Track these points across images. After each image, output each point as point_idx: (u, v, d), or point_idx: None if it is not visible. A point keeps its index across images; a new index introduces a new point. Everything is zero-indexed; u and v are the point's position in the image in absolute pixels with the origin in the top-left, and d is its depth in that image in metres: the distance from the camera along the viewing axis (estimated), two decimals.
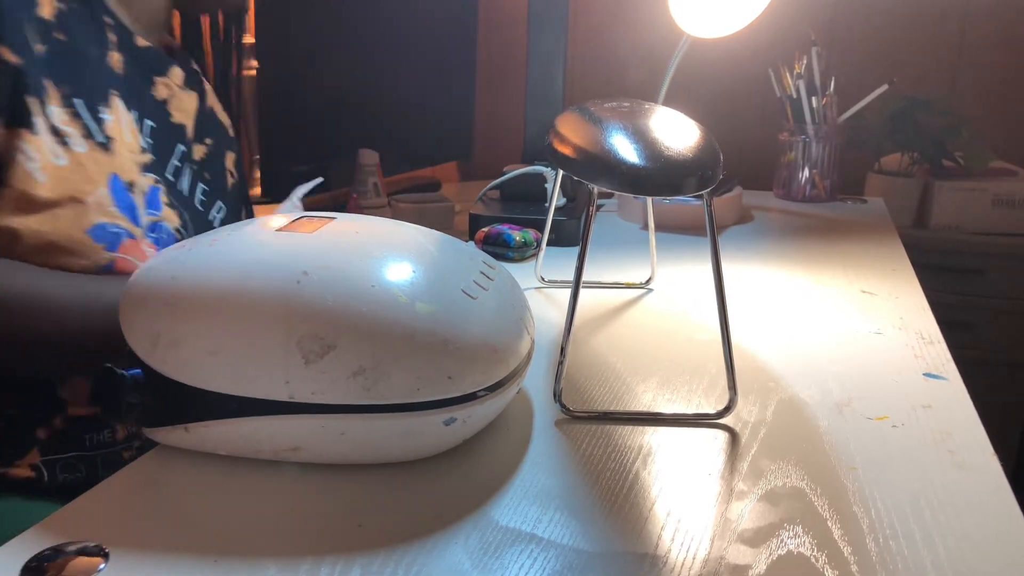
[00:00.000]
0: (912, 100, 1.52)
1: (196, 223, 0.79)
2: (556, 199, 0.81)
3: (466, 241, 0.84)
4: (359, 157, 1.42)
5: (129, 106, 0.72)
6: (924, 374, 0.64)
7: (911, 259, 0.96)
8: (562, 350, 0.57)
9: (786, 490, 0.48)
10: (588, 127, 0.57)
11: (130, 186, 0.70)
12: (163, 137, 0.77)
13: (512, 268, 0.80)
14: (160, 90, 0.79)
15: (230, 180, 0.89)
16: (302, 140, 1.36)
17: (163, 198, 0.73)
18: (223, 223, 0.85)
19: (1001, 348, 1.55)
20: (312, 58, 1.36)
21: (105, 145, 0.68)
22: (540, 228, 0.89)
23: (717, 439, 0.54)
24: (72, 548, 0.41)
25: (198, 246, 0.51)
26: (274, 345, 0.45)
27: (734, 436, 0.54)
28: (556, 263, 0.93)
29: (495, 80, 2.01)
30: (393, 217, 1.07)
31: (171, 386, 0.47)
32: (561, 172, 0.66)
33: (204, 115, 0.86)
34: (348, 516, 0.45)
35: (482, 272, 0.54)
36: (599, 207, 1.25)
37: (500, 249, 0.95)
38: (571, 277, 0.60)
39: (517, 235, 0.96)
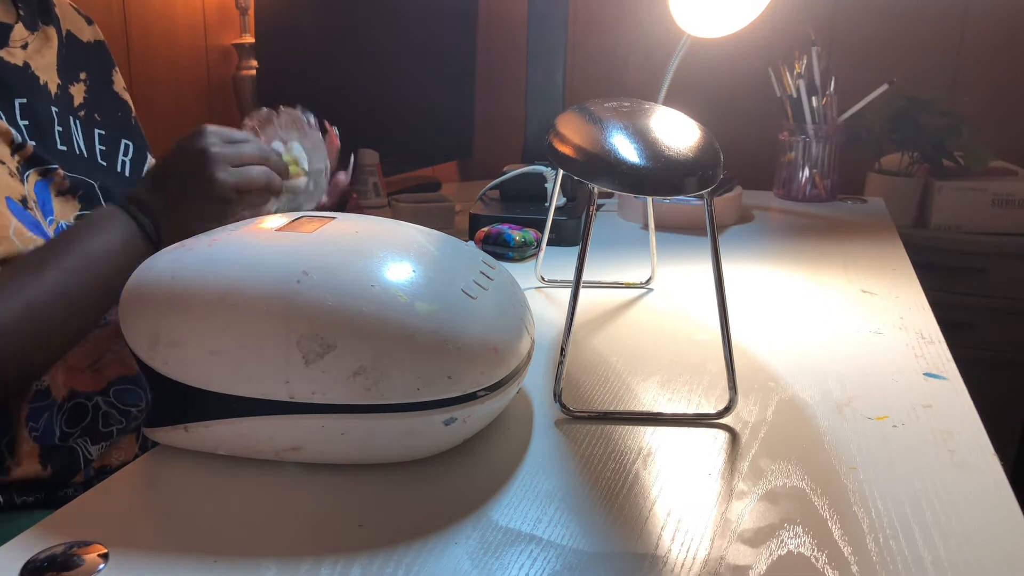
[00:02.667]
0: (912, 100, 1.52)
1: (104, 185, 0.73)
2: (556, 199, 0.81)
3: (466, 241, 0.84)
4: (359, 157, 1.42)
5: None
6: (924, 374, 0.64)
7: (911, 259, 0.96)
8: (562, 350, 0.57)
9: (786, 490, 0.48)
10: (589, 127, 0.57)
11: (23, 202, 0.65)
12: (39, 107, 0.70)
13: (512, 268, 0.80)
14: (13, 56, 0.70)
15: (128, 105, 0.81)
16: None
17: (54, 190, 0.69)
18: (133, 165, 0.79)
19: (1001, 348, 1.55)
20: (312, 58, 1.36)
21: None
22: (540, 228, 0.89)
23: (717, 439, 0.54)
24: (72, 548, 0.41)
25: (198, 246, 0.51)
26: (274, 345, 0.45)
27: (734, 436, 0.54)
28: (556, 263, 0.93)
29: (495, 80, 2.01)
30: (393, 217, 1.07)
31: (171, 386, 0.47)
32: (561, 172, 0.66)
33: (68, 46, 0.76)
34: (348, 516, 0.45)
35: (482, 272, 0.54)
36: (599, 207, 1.25)
37: (500, 249, 0.95)
38: (571, 277, 0.60)
39: (517, 235, 0.96)
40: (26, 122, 0.69)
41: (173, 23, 1.50)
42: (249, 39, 1.59)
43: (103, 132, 0.77)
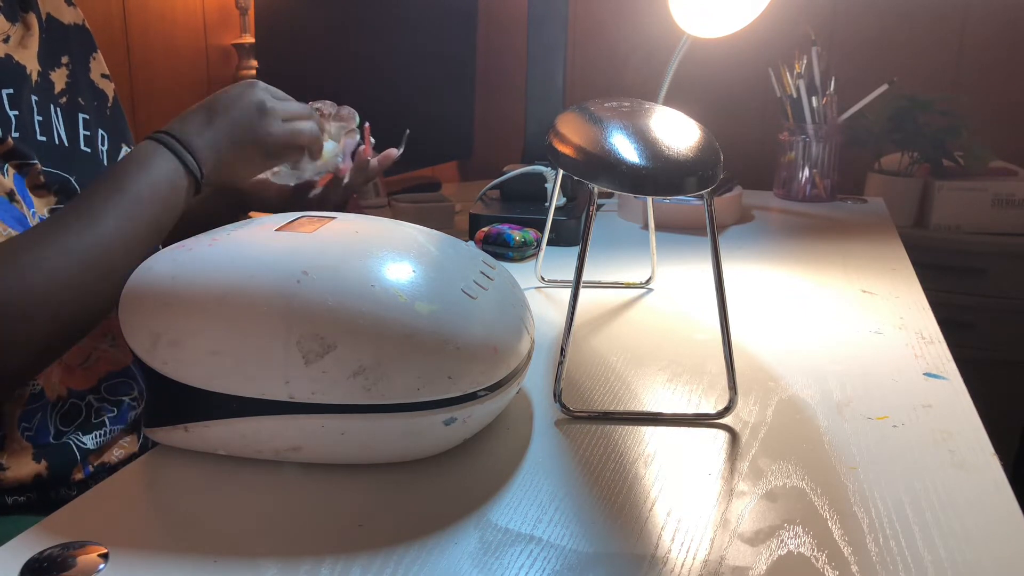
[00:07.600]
0: (912, 100, 1.52)
1: (82, 178, 0.72)
2: (556, 199, 0.81)
3: (466, 241, 0.84)
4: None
5: None
6: (924, 374, 0.64)
7: (911, 259, 0.96)
8: (562, 350, 0.57)
9: (786, 490, 0.48)
10: (589, 127, 0.57)
11: (11, 195, 0.64)
12: (24, 97, 0.68)
13: (512, 268, 0.80)
14: None
15: (105, 94, 0.79)
16: None
17: (29, 184, 0.67)
18: (108, 155, 0.77)
19: (1001, 348, 1.55)
20: (312, 58, 1.36)
21: None
22: (540, 228, 0.89)
23: (717, 439, 0.54)
24: (72, 548, 0.41)
25: (198, 246, 0.51)
26: (274, 345, 0.45)
27: (734, 436, 0.54)
28: (556, 263, 0.93)
29: (495, 80, 2.01)
30: (393, 217, 1.07)
31: (171, 386, 0.47)
32: (561, 172, 0.66)
33: (48, 31, 0.73)
34: (348, 516, 0.45)
35: (482, 272, 0.54)
36: (599, 207, 1.25)
37: (500, 249, 0.95)
38: (571, 277, 0.60)
39: (517, 235, 0.96)
40: (16, 112, 0.68)
41: (173, 23, 1.50)
42: (249, 39, 1.59)
43: (87, 117, 0.76)
